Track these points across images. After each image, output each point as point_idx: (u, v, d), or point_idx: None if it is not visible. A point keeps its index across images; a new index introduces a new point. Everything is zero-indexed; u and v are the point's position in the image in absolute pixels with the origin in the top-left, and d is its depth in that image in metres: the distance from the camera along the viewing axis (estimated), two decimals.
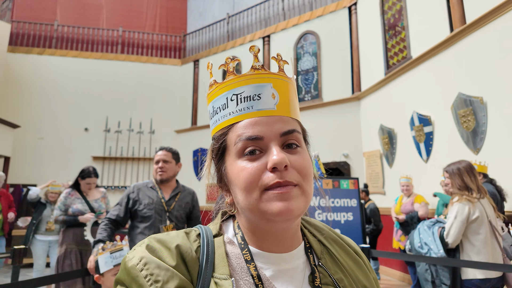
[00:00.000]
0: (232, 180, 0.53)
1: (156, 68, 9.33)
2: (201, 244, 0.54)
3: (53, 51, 8.77)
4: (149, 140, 8.83)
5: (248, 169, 0.50)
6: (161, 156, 2.28)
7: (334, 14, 7.05)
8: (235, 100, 0.53)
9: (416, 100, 4.80)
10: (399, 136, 5.23)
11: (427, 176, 4.47)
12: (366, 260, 0.65)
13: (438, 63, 4.39)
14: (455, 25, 4.06)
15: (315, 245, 0.60)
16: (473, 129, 3.72)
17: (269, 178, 0.49)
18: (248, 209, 0.51)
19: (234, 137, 0.52)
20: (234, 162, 0.52)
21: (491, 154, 3.48)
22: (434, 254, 2.45)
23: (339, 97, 6.64)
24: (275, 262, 0.54)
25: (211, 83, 0.58)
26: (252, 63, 0.55)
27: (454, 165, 2.63)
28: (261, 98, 0.53)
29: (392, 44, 5.51)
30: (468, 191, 2.52)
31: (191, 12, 11.47)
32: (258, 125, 0.51)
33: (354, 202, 3.00)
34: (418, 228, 2.72)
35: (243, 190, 0.50)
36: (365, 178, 6.14)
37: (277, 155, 0.48)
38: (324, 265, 0.57)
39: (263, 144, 0.51)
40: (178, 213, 2.31)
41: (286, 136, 0.52)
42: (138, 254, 0.50)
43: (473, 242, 2.43)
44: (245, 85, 0.53)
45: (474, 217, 2.42)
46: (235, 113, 0.53)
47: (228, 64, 0.56)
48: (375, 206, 4.69)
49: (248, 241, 0.55)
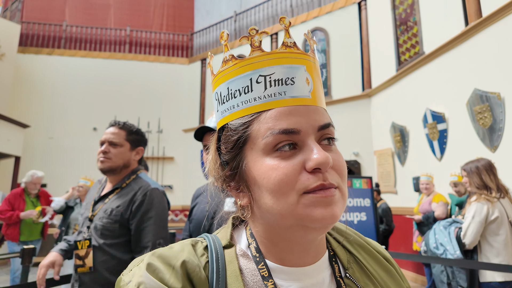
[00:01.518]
0: (258, 181, 0.44)
1: (163, 67, 9.33)
2: (209, 259, 0.45)
3: (62, 51, 8.84)
4: (157, 139, 8.84)
5: (282, 168, 0.42)
6: (107, 136, 1.55)
7: (344, 10, 6.93)
8: (263, 82, 0.44)
9: (429, 96, 4.68)
10: (412, 134, 5.11)
11: (441, 174, 4.35)
12: (398, 267, 0.57)
13: (453, 58, 4.26)
14: (471, 19, 3.93)
15: (341, 253, 0.52)
16: (490, 126, 3.60)
17: (309, 180, 0.41)
18: (281, 214, 0.42)
19: (263, 130, 0.43)
20: (261, 159, 0.44)
21: (508, 152, 3.36)
22: (450, 255, 2.37)
23: (348, 95, 6.53)
24: (298, 277, 0.46)
25: (226, 58, 0.47)
26: (284, 39, 0.45)
27: (472, 163, 2.54)
28: (295, 83, 0.44)
29: (404, 39, 5.38)
30: (487, 190, 2.42)
31: (198, 10, 11.45)
32: (293, 115, 0.43)
33: (367, 202, 2.92)
34: (434, 229, 2.64)
35: (274, 193, 0.42)
36: (376, 177, 6.03)
37: (320, 154, 0.41)
38: (352, 276, 0.49)
39: (298, 139, 0.43)
40: (100, 223, 1.43)
41: (323, 130, 0.44)
42: (135, 278, 0.42)
43: (492, 243, 2.34)
44: (276, 64, 0.44)
45: (493, 217, 2.33)
46: (263, 99, 0.44)
47: (253, 36, 0.45)
48: (387, 205, 4.59)
49: (264, 252, 0.47)
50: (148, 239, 1.39)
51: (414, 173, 4.92)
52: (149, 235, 1.40)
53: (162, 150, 8.83)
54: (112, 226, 1.41)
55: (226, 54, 0.47)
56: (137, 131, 1.64)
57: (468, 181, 2.53)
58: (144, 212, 1.43)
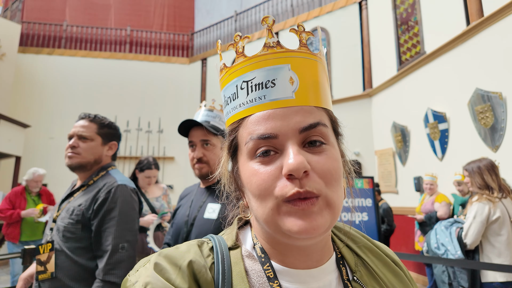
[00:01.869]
0: (245, 185, 0.45)
1: (164, 67, 9.33)
2: (215, 260, 0.45)
3: (62, 51, 8.83)
4: (157, 139, 8.83)
5: (260, 174, 0.41)
6: (76, 129, 1.43)
7: (344, 10, 6.92)
8: (245, 88, 0.44)
9: (431, 96, 4.67)
10: (413, 134, 5.10)
11: (442, 174, 4.34)
12: (406, 271, 0.56)
13: (454, 58, 4.25)
14: (472, 18, 3.92)
15: (348, 256, 0.51)
16: (492, 126, 3.59)
17: (286, 187, 0.40)
18: (264, 219, 0.42)
19: (245, 135, 0.44)
20: (246, 163, 0.44)
21: (511, 151, 3.35)
22: (451, 255, 2.37)
23: (349, 94, 6.52)
24: (303, 280, 0.45)
25: (221, 67, 0.49)
26: (265, 40, 0.44)
27: (474, 163, 2.53)
28: (275, 85, 0.43)
29: (405, 39, 5.37)
30: (489, 190, 2.42)
31: (199, 10, 11.44)
32: (271, 119, 0.42)
33: (369, 202, 2.91)
34: (435, 229, 2.63)
35: (257, 198, 0.42)
36: (377, 177, 6.03)
37: (293, 159, 0.39)
38: (359, 279, 0.48)
39: (278, 143, 0.42)
40: (62, 223, 1.29)
41: (308, 132, 0.42)
42: (142, 279, 0.42)
43: (494, 244, 2.33)
44: (256, 69, 0.44)
45: (495, 217, 2.33)
46: (246, 105, 0.44)
47: (237, 43, 0.46)
48: (388, 205, 4.58)
49: (269, 253, 0.47)
50: (109, 242, 1.22)
51: (415, 173, 4.91)
52: (110, 238, 1.23)
53: (162, 150, 8.83)
54: (74, 227, 1.26)
55: (220, 64, 0.49)
56: (110, 124, 1.53)
57: (470, 181, 2.53)
58: (106, 211, 1.27)
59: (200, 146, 1.34)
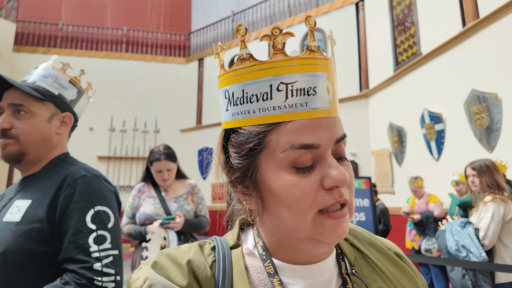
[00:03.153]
0: (275, 193, 0.43)
1: (160, 66, 9.30)
2: (216, 258, 0.46)
3: (58, 50, 8.77)
4: (154, 139, 8.80)
5: (301, 186, 0.41)
6: None
7: (341, 11, 6.94)
8: (284, 90, 0.41)
9: (427, 97, 4.70)
10: (409, 134, 5.12)
11: (438, 175, 4.37)
12: (411, 264, 0.56)
13: (450, 59, 4.28)
14: (468, 20, 3.95)
15: (347, 250, 0.52)
16: (487, 126, 3.61)
17: (325, 197, 0.41)
18: (294, 228, 0.42)
19: (283, 142, 0.41)
20: (278, 171, 0.42)
21: (505, 152, 3.37)
22: (475, 258, 2.27)
23: (346, 95, 6.54)
24: (305, 275, 0.46)
25: (243, 56, 0.43)
26: (308, 42, 0.43)
27: (480, 162, 2.50)
28: (316, 93, 0.42)
29: (401, 40, 5.40)
30: (499, 190, 2.40)
31: (196, 10, 11.42)
32: (314, 129, 0.41)
33: (366, 202, 2.92)
34: (450, 230, 2.51)
35: (291, 208, 0.42)
36: (373, 177, 6.05)
37: (338, 171, 0.41)
38: (358, 273, 0.49)
39: (317, 154, 0.42)
40: None
41: (339, 144, 0.44)
42: (143, 275, 0.44)
43: (507, 244, 2.30)
44: (299, 72, 0.41)
45: (509, 217, 2.31)
46: (283, 109, 0.41)
47: (276, 37, 0.42)
48: (384, 206, 4.60)
49: (271, 252, 0.48)
50: None
51: (412, 174, 4.93)
52: None
53: None
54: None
55: (243, 52, 0.43)
56: None
57: (476, 180, 2.48)
58: None
59: (10, 113, 0.96)
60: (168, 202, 2.06)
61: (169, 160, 2.09)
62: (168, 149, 2.14)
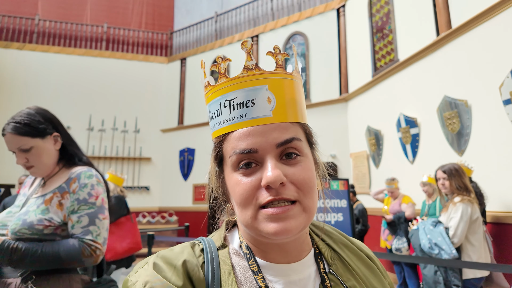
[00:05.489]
0: (230, 193, 0.51)
1: (141, 65, 9.16)
2: (205, 260, 0.50)
3: (34, 46, 8.48)
4: (133, 139, 8.66)
5: (242, 184, 0.47)
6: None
7: (323, 16, 7.09)
8: (228, 106, 0.49)
9: (403, 102, 4.88)
10: (386, 138, 5.30)
11: (413, 177, 4.55)
12: (379, 264, 0.62)
13: (425, 66, 4.47)
14: (441, 30, 4.15)
15: (325, 251, 0.57)
16: (458, 131, 3.80)
17: (263, 196, 0.46)
18: (245, 224, 0.48)
19: (229, 149, 0.49)
20: (231, 173, 0.50)
21: (474, 156, 3.57)
22: (446, 255, 2.41)
23: (326, 98, 6.68)
24: (285, 273, 0.50)
25: (206, 84, 0.53)
26: (245, 63, 0.49)
27: (450, 165, 2.66)
28: (255, 104, 0.48)
29: (380, 46, 5.59)
30: (467, 192, 2.55)
31: (179, 9, 11.32)
32: (252, 136, 0.47)
33: (344, 203, 3.02)
34: (423, 229, 2.64)
35: (239, 205, 0.48)
36: (352, 178, 6.21)
37: (271, 172, 0.45)
38: (335, 272, 0.54)
39: (258, 157, 0.47)
40: None
41: (284, 146, 0.48)
42: (142, 278, 0.46)
43: (473, 242, 2.46)
44: (238, 89, 0.49)
45: (475, 217, 2.46)
46: (228, 122, 0.49)
47: (219, 64, 0.51)
48: (363, 206, 4.74)
49: (253, 251, 0.52)
50: None
51: (388, 175, 5.10)
52: None
53: (139, 150, 8.66)
54: None
55: (204, 81, 0.53)
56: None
57: (447, 183, 2.62)
58: None
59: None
60: (28, 203, 1.27)
61: (19, 133, 1.22)
62: (25, 117, 1.26)
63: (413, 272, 3.83)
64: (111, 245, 2.70)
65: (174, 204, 8.40)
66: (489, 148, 3.38)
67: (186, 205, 8.24)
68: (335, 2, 6.93)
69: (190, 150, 8.36)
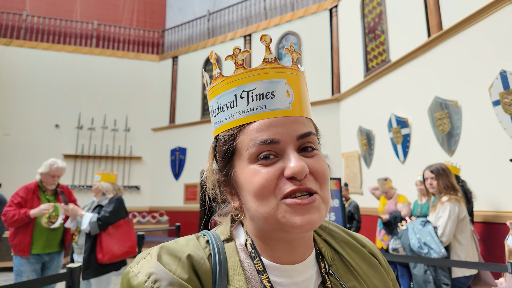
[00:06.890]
0: (243, 185, 0.48)
1: (132, 63, 9.05)
2: (211, 252, 0.48)
3: (21, 42, 8.29)
4: (124, 138, 8.54)
5: (263, 174, 0.45)
6: None
7: (315, 16, 7.11)
8: (246, 97, 0.48)
9: (394, 102, 4.92)
10: (377, 138, 5.34)
11: (404, 177, 4.59)
12: (383, 260, 0.61)
13: (416, 67, 4.51)
14: (432, 31, 4.19)
15: (326, 251, 0.56)
16: (448, 132, 3.85)
17: (286, 185, 0.45)
18: (264, 217, 0.46)
19: (247, 141, 0.47)
20: (246, 167, 0.48)
21: (464, 156, 3.61)
22: (436, 254, 2.42)
23: (318, 98, 6.70)
24: (289, 274, 0.50)
25: (215, 75, 0.52)
26: (264, 55, 0.49)
27: (437, 165, 2.69)
28: (275, 96, 0.48)
29: (372, 47, 5.62)
30: (454, 191, 2.57)
31: (171, 7, 11.23)
32: (273, 127, 0.47)
33: (336, 202, 3.02)
34: (412, 228, 2.65)
35: (257, 197, 0.46)
36: (344, 178, 6.24)
37: (296, 163, 0.44)
38: (335, 272, 0.53)
39: (278, 148, 0.46)
40: None
41: (303, 139, 0.48)
42: (144, 269, 0.44)
43: (461, 241, 2.48)
44: (257, 80, 0.48)
45: (463, 216, 2.48)
46: (246, 113, 0.48)
47: (237, 55, 0.50)
48: (356, 203, 4.75)
49: (258, 250, 0.51)
50: None
51: (379, 175, 5.13)
52: None
53: (129, 149, 8.55)
54: None
55: (215, 72, 0.52)
56: None
57: (434, 182, 2.64)
58: None
59: None
60: None
61: None
62: None
63: (406, 272, 3.85)
64: (109, 248, 2.73)
65: (165, 204, 8.32)
66: (479, 148, 3.42)
67: (177, 205, 8.17)
68: (327, 2, 6.95)
69: (182, 149, 8.29)
